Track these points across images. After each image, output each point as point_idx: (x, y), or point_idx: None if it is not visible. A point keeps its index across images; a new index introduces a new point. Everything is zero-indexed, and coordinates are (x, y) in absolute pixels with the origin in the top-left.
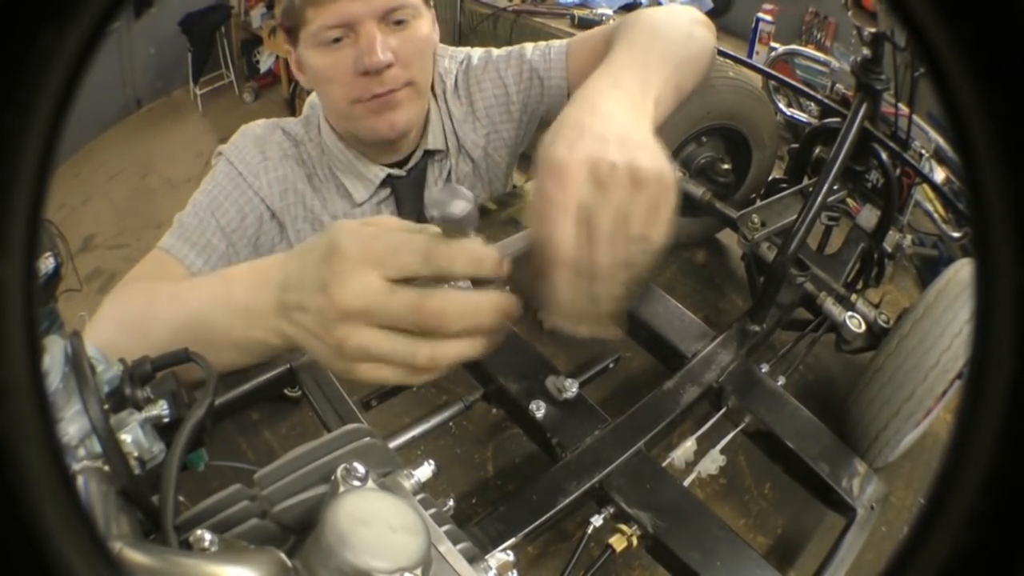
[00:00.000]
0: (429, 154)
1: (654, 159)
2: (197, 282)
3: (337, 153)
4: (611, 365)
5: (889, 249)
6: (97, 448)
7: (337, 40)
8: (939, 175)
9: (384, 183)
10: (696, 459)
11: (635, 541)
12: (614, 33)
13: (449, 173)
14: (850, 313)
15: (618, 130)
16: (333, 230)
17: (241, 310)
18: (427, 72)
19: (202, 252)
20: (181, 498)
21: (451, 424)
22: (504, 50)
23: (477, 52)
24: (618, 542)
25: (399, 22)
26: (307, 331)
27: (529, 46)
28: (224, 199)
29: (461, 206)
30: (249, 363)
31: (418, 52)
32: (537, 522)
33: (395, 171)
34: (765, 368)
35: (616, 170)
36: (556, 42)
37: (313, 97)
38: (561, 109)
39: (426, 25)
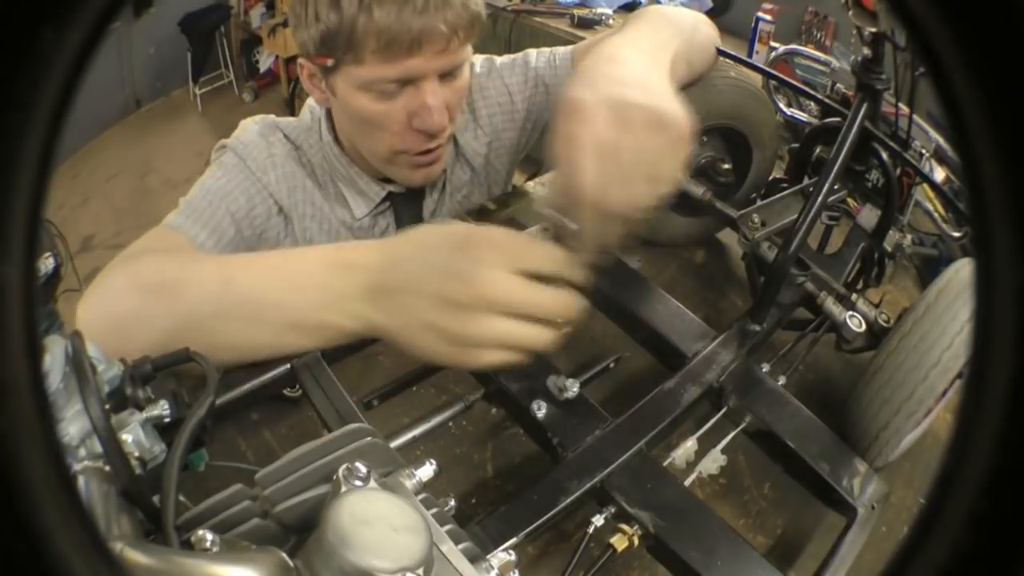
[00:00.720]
0: None
1: (672, 104)
2: (244, 257)
3: (339, 167)
4: (611, 365)
5: (889, 249)
6: (98, 448)
7: (393, 91)
8: (939, 175)
9: (385, 197)
10: (697, 459)
11: (636, 541)
12: (621, 27)
13: (445, 183)
14: (850, 312)
15: (638, 76)
16: (453, 227)
17: (317, 289)
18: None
19: (212, 233)
20: (182, 498)
21: (451, 424)
22: (508, 57)
23: (479, 59)
24: (619, 542)
25: (452, 75)
26: (411, 317)
27: (533, 53)
28: (234, 188)
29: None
30: (307, 347)
31: (460, 102)
32: (538, 522)
33: (394, 187)
34: (766, 368)
35: (637, 111)
36: (561, 49)
37: (311, 102)
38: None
39: (467, 69)
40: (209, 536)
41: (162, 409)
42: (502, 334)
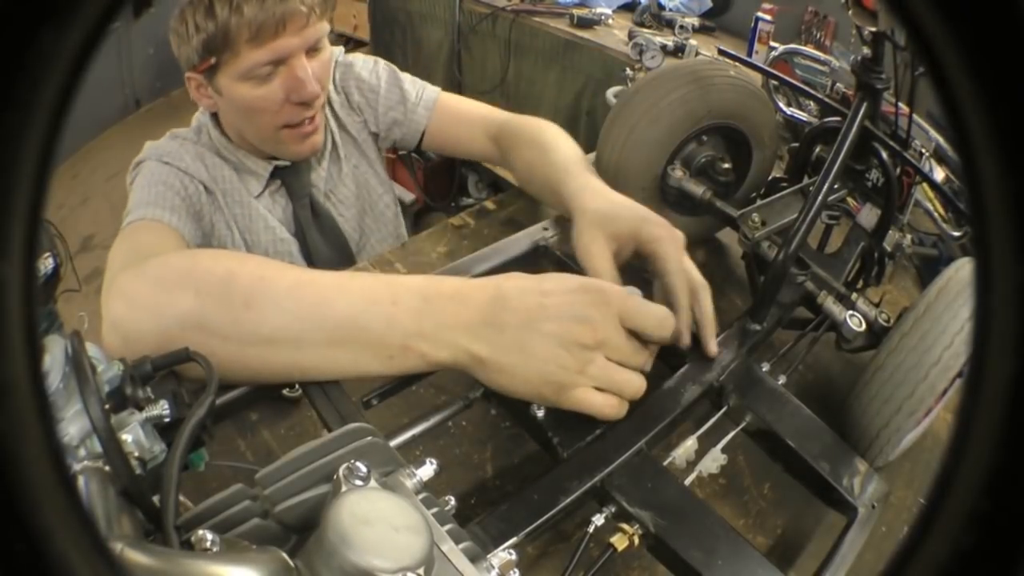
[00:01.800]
0: None
1: None
2: (338, 276)
3: (227, 154)
4: None
5: (889, 248)
6: (98, 448)
7: (268, 74)
8: (939, 174)
9: (273, 175)
10: (697, 458)
11: (636, 540)
12: (508, 133)
13: (336, 153)
14: (850, 312)
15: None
16: (587, 283)
17: (412, 315)
18: (331, 103)
19: (173, 212)
20: (182, 498)
21: (450, 424)
22: (384, 64)
23: (359, 58)
24: (619, 541)
25: (316, 49)
26: (527, 352)
27: (405, 75)
28: (165, 177)
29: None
30: (380, 373)
31: (328, 72)
32: (539, 521)
33: (280, 162)
34: (766, 367)
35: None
36: (429, 85)
37: (200, 115)
38: (412, 141)
39: (328, 49)
40: (209, 536)
41: (162, 409)
42: (613, 375)
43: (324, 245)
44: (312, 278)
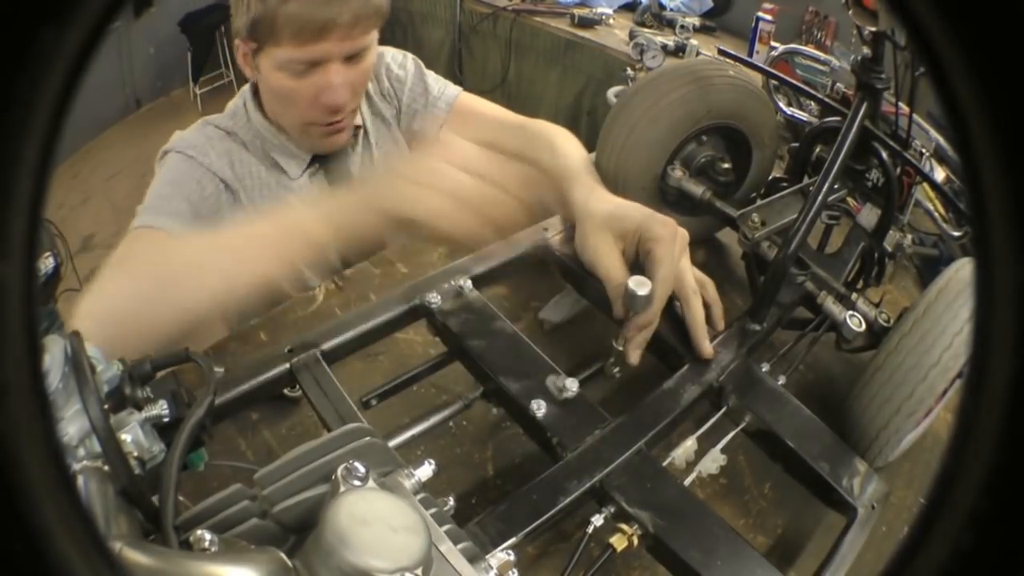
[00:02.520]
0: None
1: None
2: (251, 221)
3: (270, 137)
4: (613, 365)
5: (889, 248)
6: (97, 448)
7: (303, 71)
8: (939, 174)
9: (314, 159)
10: (697, 458)
11: (636, 540)
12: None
13: (368, 139)
14: (850, 312)
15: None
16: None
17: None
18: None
19: (176, 218)
20: (181, 498)
21: (451, 424)
22: (412, 58)
23: (388, 50)
24: (619, 541)
25: (358, 57)
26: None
27: (430, 71)
28: (182, 176)
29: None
30: (278, 273)
31: (365, 82)
32: (538, 521)
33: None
34: (765, 367)
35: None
36: (452, 84)
37: (238, 98)
38: (430, 135)
39: (374, 52)
40: (208, 536)
41: (161, 409)
42: (449, 180)
43: None
44: (221, 233)
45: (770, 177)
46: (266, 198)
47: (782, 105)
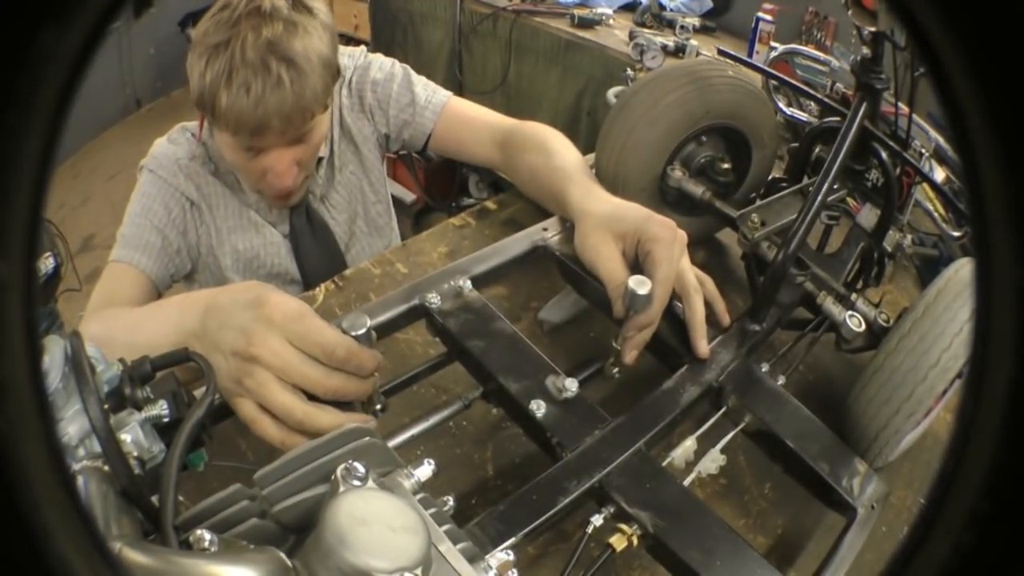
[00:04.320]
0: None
1: None
2: (147, 308)
3: (224, 170)
4: (612, 366)
5: (889, 248)
6: (97, 448)
7: (248, 154)
8: (939, 175)
9: None
10: (696, 459)
11: (635, 540)
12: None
13: (333, 162)
14: (850, 312)
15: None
16: (254, 290)
17: (173, 329)
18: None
19: (144, 251)
20: (181, 498)
21: (451, 424)
22: (400, 66)
23: (377, 59)
24: (618, 541)
25: (302, 138)
26: (211, 353)
27: (419, 77)
28: (151, 202)
29: (363, 325)
30: None
31: (313, 157)
32: (537, 522)
33: None
34: (765, 367)
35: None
36: (442, 90)
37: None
38: (419, 143)
39: (324, 121)
40: (207, 536)
41: (161, 409)
42: (268, 394)
43: (315, 247)
44: (133, 313)
45: (770, 177)
46: (232, 216)
47: (782, 105)
